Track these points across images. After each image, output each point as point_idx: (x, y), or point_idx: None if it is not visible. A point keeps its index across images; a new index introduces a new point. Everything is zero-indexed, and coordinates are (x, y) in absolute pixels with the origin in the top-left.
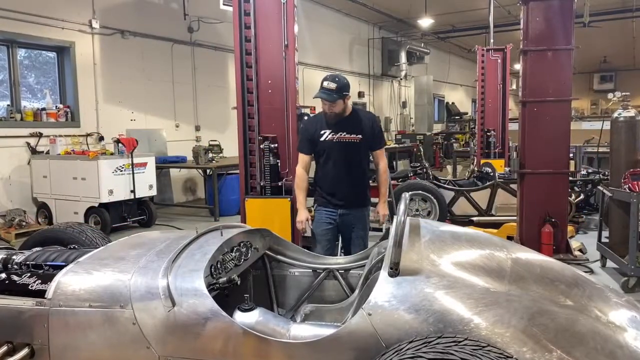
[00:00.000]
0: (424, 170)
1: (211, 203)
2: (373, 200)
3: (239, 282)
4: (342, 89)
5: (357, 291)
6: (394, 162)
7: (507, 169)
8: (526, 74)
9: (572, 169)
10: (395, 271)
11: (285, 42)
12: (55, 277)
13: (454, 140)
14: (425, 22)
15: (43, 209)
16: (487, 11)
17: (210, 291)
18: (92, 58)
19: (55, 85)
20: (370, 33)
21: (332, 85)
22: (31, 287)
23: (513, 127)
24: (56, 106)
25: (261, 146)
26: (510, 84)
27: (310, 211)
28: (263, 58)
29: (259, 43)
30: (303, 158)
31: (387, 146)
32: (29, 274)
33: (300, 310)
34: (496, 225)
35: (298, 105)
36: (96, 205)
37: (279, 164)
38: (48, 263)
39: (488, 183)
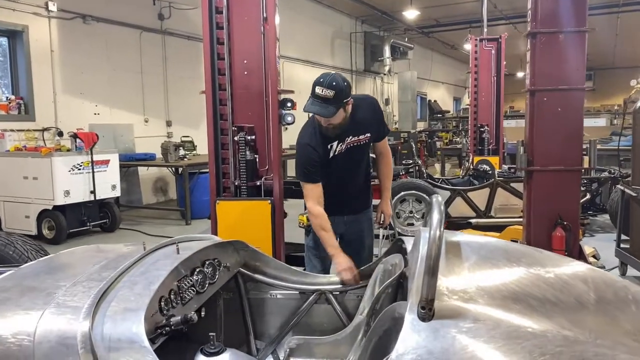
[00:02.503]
0: (417, 168)
1: (182, 205)
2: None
3: (195, 319)
4: (342, 96)
5: (356, 320)
6: None
7: (505, 166)
8: (534, 59)
9: (585, 165)
10: (428, 312)
11: (264, 15)
12: None
13: (437, 139)
14: (411, 14)
15: None
16: (472, 5)
17: (158, 336)
18: (48, 44)
19: (6, 74)
20: (352, 27)
21: (329, 93)
22: None
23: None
24: (7, 97)
25: (235, 138)
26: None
27: (308, 220)
28: (237, 33)
29: (232, 15)
30: (314, 190)
31: None
32: None
33: (283, 343)
34: (497, 228)
35: (280, 89)
36: (50, 208)
37: (257, 160)
38: None
39: (487, 182)
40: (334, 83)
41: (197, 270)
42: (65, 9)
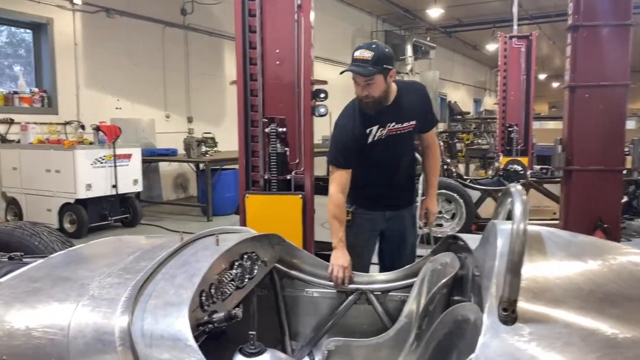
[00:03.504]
0: (445, 167)
1: (204, 201)
2: None
3: (240, 315)
4: (382, 60)
5: (400, 322)
6: None
7: (537, 167)
8: (576, 54)
9: (627, 166)
10: (511, 314)
11: (299, 1)
12: None
13: (457, 140)
14: (435, 12)
15: (12, 205)
16: (497, 5)
17: (200, 334)
18: (72, 38)
19: (30, 68)
20: (373, 25)
21: (367, 54)
22: None
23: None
24: (30, 90)
25: (266, 130)
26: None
27: (347, 214)
28: (270, 21)
29: (264, 2)
30: (341, 176)
31: None
32: None
33: (320, 344)
34: None
35: (313, 79)
36: (72, 201)
37: (288, 153)
38: None
39: (518, 183)
40: (374, 46)
41: (237, 263)
42: (89, 2)
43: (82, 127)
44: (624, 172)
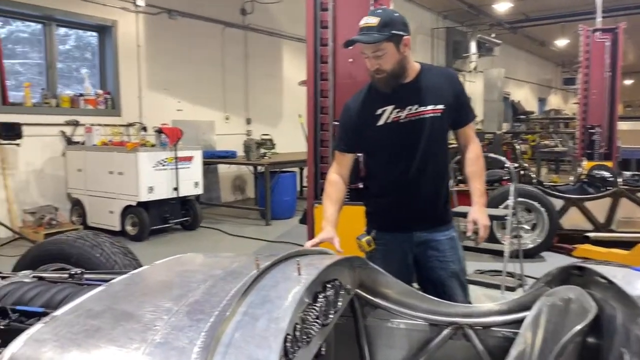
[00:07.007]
0: (523, 172)
1: (262, 204)
2: None
3: None
4: (390, 25)
5: None
6: None
7: (627, 173)
8: None
9: None
10: None
11: None
12: (6, 350)
13: (521, 141)
14: (503, 7)
15: (77, 206)
16: None
17: None
18: (135, 39)
19: (96, 70)
20: (434, 22)
21: (372, 21)
22: None
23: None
24: (95, 92)
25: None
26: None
27: (369, 245)
28: (343, 15)
29: None
30: (341, 159)
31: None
32: None
33: None
34: (622, 244)
35: None
36: (134, 204)
37: (361, 159)
38: (18, 308)
39: (609, 190)
40: (379, 11)
41: (321, 295)
42: (151, 4)
43: (144, 129)
44: None
